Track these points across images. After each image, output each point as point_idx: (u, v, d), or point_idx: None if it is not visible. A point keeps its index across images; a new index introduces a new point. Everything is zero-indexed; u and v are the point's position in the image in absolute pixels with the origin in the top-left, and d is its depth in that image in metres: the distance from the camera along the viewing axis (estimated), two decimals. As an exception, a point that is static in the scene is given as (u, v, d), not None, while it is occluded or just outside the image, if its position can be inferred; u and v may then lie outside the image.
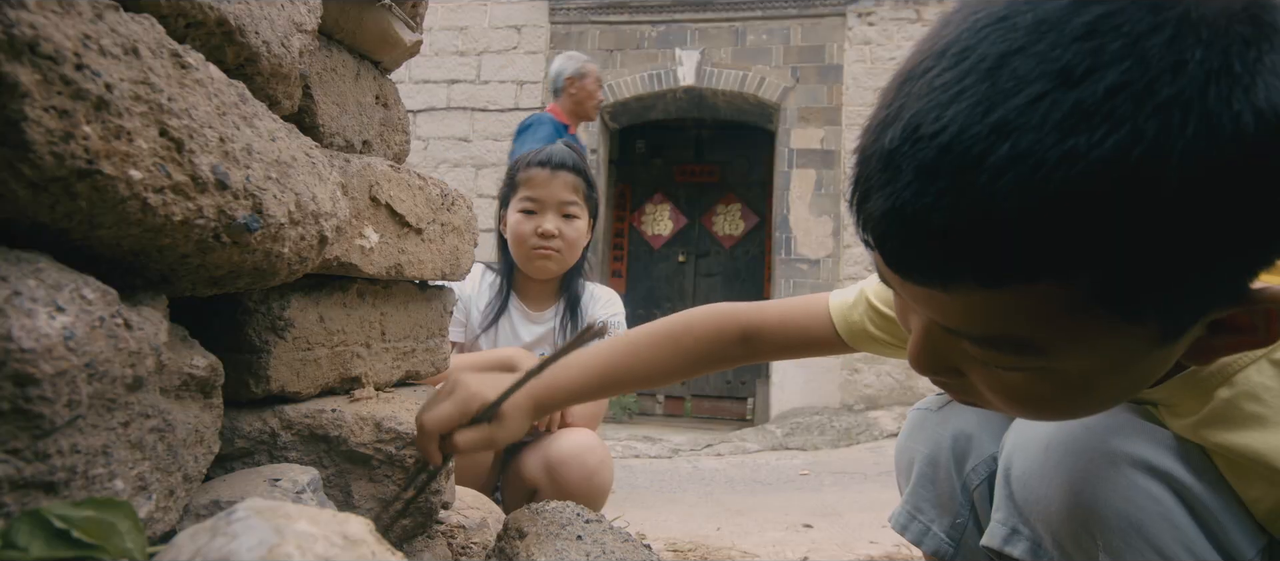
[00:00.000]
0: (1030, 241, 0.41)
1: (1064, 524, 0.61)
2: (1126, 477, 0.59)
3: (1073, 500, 0.61)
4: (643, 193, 7.13)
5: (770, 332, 0.91)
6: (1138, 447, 0.60)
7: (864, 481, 3.49)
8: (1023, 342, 0.47)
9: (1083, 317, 0.44)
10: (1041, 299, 0.44)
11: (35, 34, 0.38)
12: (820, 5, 5.86)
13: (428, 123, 6.17)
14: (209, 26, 0.56)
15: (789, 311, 0.92)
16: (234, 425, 0.76)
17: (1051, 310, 0.44)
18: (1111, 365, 0.49)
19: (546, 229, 1.57)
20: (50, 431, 0.41)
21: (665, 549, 1.89)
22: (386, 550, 0.36)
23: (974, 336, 0.49)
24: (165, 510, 0.53)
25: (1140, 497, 0.58)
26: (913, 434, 0.86)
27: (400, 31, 0.95)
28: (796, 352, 0.94)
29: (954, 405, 0.82)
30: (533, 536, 0.82)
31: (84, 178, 0.41)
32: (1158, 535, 0.58)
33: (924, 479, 0.83)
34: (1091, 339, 0.47)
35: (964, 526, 0.81)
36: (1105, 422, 0.62)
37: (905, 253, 0.46)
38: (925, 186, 0.42)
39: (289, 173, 0.59)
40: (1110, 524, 0.59)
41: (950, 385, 0.57)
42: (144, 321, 0.48)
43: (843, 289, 0.91)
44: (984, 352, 0.49)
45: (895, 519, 0.86)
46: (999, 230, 0.41)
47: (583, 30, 6.13)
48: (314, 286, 0.82)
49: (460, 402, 0.82)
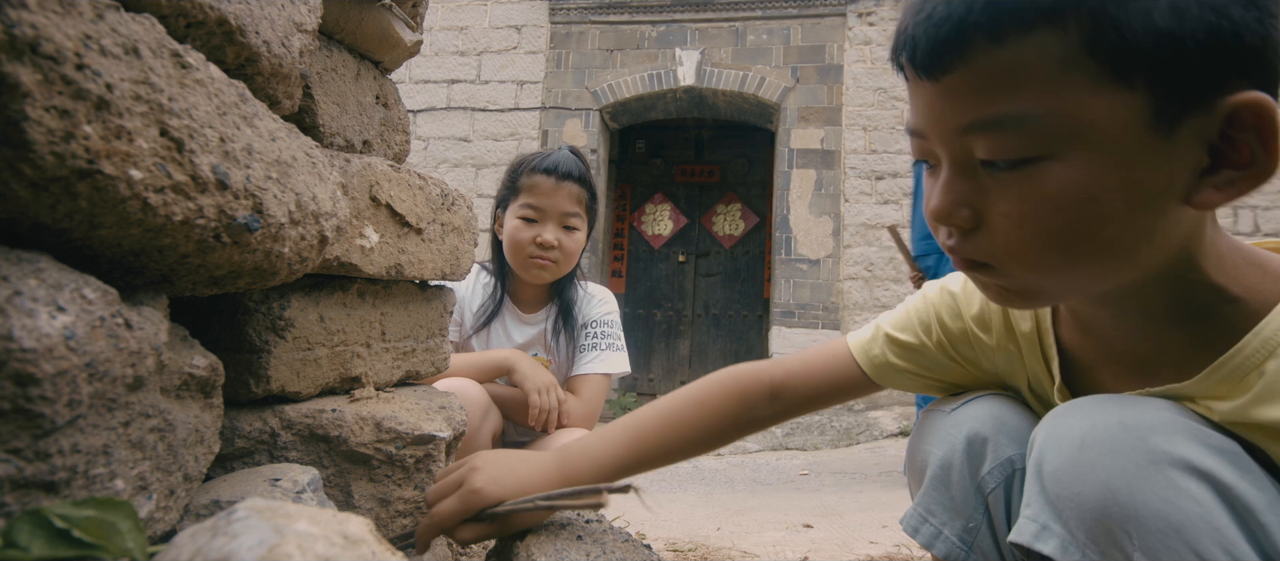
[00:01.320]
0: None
1: (1098, 522, 0.60)
2: (1166, 477, 0.57)
3: (1109, 498, 0.59)
4: (643, 193, 7.13)
5: (797, 383, 0.91)
6: (1178, 446, 0.58)
7: (864, 481, 3.49)
8: (1028, 118, 0.53)
9: (1076, 75, 0.51)
10: (1039, 53, 0.51)
11: (36, 34, 0.38)
12: (820, 5, 5.86)
13: (428, 123, 6.17)
14: (209, 26, 0.56)
15: (810, 360, 0.93)
16: (234, 425, 0.76)
17: (1048, 67, 0.51)
18: (1113, 161, 0.53)
19: (546, 240, 1.57)
20: (51, 431, 0.41)
21: (665, 548, 1.89)
22: (386, 550, 0.36)
23: (985, 122, 0.55)
24: (165, 510, 0.53)
25: (1180, 498, 0.57)
26: (925, 435, 0.85)
27: (400, 31, 0.95)
28: (825, 400, 0.92)
29: (967, 406, 0.81)
30: (532, 537, 0.82)
31: (85, 177, 0.41)
32: (1197, 537, 0.56)
33: (937, 481, 0.82)
34: (1087, 111, 0.52)
35: (977, 530, 0.80)
36: (1145, 420, 0.60)
37: (935, 37, 0.54)
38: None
39: (289, 172, 0.59)
40: (1148, 524, 0.57)
41: (962, 239, 0.62)
42: (144, 321, 0.48)
43: (858, 329, 0.92)
44: (995, 142, 0.55)
45: (906, 522, 0.85)
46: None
47: (583, 30, 6.13)
48: (314, 286, 0.82)
49: (464, 502, 0.82)
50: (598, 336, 1.67)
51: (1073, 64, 0.51)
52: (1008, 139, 0.55)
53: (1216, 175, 0.54)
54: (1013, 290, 0.63)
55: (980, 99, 0.55)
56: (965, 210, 0.60)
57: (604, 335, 1.67)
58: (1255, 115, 0.51)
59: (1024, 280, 0.62)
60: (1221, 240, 0.62)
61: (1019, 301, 0.66)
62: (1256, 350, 0.59)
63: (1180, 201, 0.55)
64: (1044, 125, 0.53)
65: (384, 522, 0.82)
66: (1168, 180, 0.54)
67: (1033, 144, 0.54)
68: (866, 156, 5.67)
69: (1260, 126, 0.51)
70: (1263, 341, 0.59)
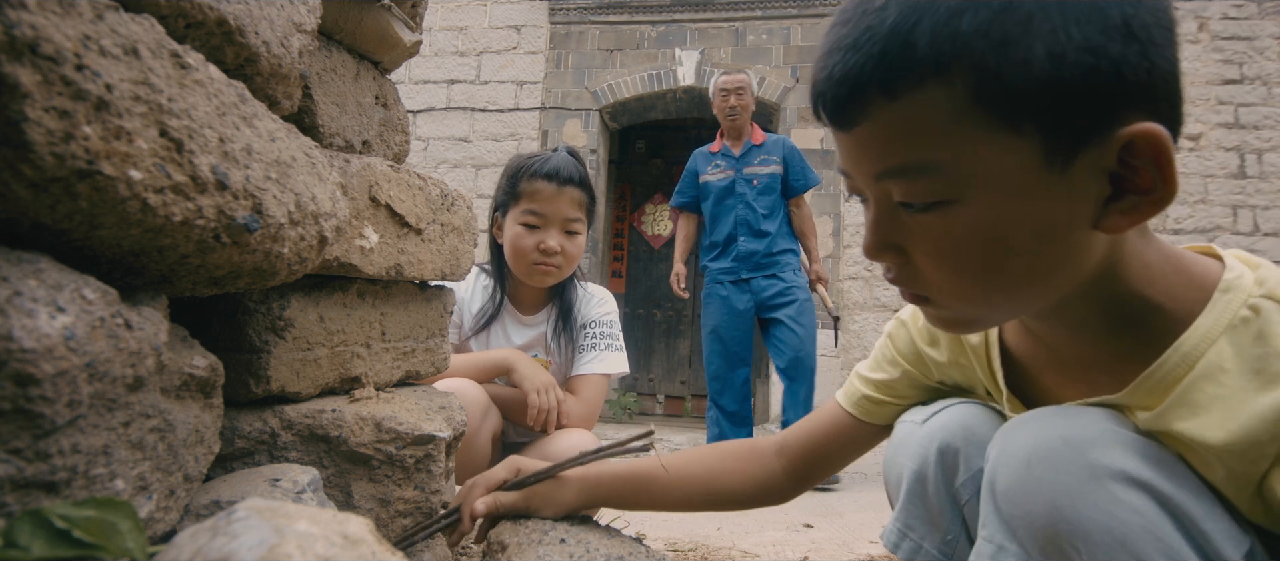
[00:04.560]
0: (909, 47, 0.53)
1: (1049, 539, 0.61)
2: (1107, 490, 0.59)
3: (1056, 515, 0.60)
4: (643, 193, 7.13)
5: (797, 437, 0.96)
6: (1117, 458, 0.60)
7: (864, 481, 3.49)
8: (931, 166, 0.56)
9: (968, 124, 0.54)
10: (931, 106, 0.54)
11: (36, 35, 0.38)
12: (820, 5, 5.86)
13: (428, 123, 6.17)
14: (209, 27, 0.56)
15: (806, 419, 0.98)
16: (234, 425, 0.76)
17: (941, 118, 0.54)
18: (1012, 200, 0.56)
19: (550, 246, 1.57)
20: (51, 431, 0.41)
21: (665, 548, 1.89)
22: (386, 550, 0.36)
23: (893, 170, 0.58)
24: (166, 510, 0.53)
25: (1122, 511, 0.58)
26: (899, 448, 0.86)
27: (400, 31, 0.95)
28: (827, 448, 0.95)
29: (937, 417, 0.82)
30: (514, 546, 0.82)
31: (84, 178, 0.41)
32: (1141, 547, 0.57)
33: (913, 495, 0.83)
34: (983, 157, 0.54)
35: (955, 542, 0.81)
36: (1084, 434, 0.62)
37: (837, 95, 0.58)
38: (843, 44, 0.57)
39: (289, 173, 0.59)
40: (1094, 538, 0.59)
41: (899, 273, 0.65)
42: (144, 321, 0.48)
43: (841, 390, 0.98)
44: (905, 187, 0.58)
45: (887, 537, 0.86)
46: (886, 42, 0.54)
47: (583, 30, 6.13)
48: (314, 286, 0.82)
49: (509, 466, 0.96)
50: (597, 337, 1.67)
51: (963, 114, 0.53)
52: (916, 184, 0.58)
53: (1121, 201, 0.55)
54: (951, 319, 0.66)
55: (886, 149, 0.58)
56: (890, 248, 0.63)
57: (603, 335, 1.68)
58: (1149, 145, 0.53)
59: (956, 309, 0.64)
60: (1149, 249, 0.63)
61: (959, 328, 0.69)
62: (1177, 364, 0.60)
63: (1089, 227, 0.57)
64: (945, 171, 0.56)
65: (384, 522, 0.82)
66: (1070, 212, 0.56)
67: (939, 188, 0.57)
68: (866, 156, 5.68)
69: (1155, 155, 0.53)
70: (1183, 356, 0.60)
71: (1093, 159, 0.54)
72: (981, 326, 0.70)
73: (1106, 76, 0.51)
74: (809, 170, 3.50)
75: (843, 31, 0.58)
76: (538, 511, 0.92)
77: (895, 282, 0.66)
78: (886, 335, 0.91)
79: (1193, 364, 0.60)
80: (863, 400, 0.92)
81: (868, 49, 0.55)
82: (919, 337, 0.87)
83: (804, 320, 3.39)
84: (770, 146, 3.50)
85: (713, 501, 0.95)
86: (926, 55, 0.53)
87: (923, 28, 0.53)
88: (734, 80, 3.51)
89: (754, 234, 3.44)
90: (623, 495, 0.95)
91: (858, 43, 0.56)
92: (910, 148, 0.56)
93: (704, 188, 3.56)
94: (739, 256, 3.45)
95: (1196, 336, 0.60)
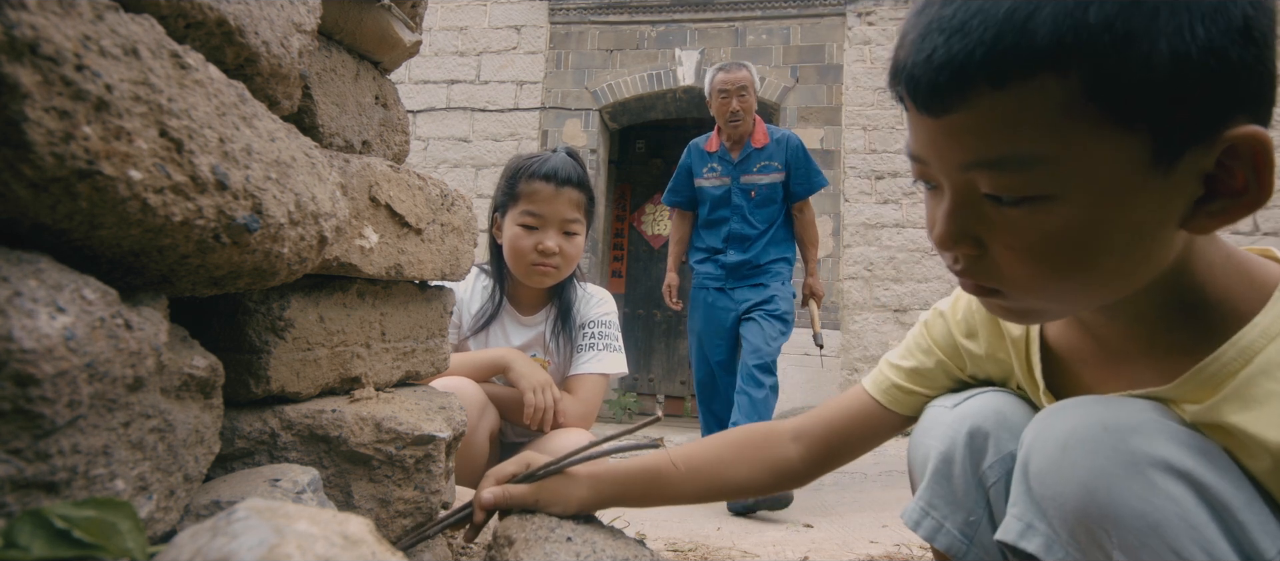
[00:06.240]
0: (1027, 35, 0.50)
1: (1079, 521, 0.61)
2: (1145, 477, 0.59)
3: (1088, 498, 0.60)
4: (643, 193, 7.12)
5: (815, 423, 0.94)
6: (1159, 447, 0.60)
7: (864, 481, 3.49)
8: (1030, 158, 0.53)
9: (1079, 119, 0.51)
10: (1042, 98, 0.51)
11: (36, 35, 0.38)
12: (820, 5, 5.86)
13: (428, 123, 6.17)
14: (209, 27, 0.56)
15: (827, 403, 0.96)
16: (234, 425, 0.76)
17: (1051, 112, 0.51)
18: (1114, 199, 0.54)
19: (548, 247, 1.57)
20: (51, 431, 0.41)
21: (665, 548, 1.89)
22: (386, 550, 0.36)
23: (988, 161, 0.55)
24: (166, 510, 0.53)
25: (1158, 498, 0.58)
26: (927, 431, 0.86)
27: (399, 32, 0.95)
28: (847, 436, 0.94)
29: (970, 402, 0.83)
30: (521, 542, 0.82)
31: (84, 178, 0.41)
32: (1175, 536, 0.57)
33: (939, 475, 0.83)
34: (1091, 154, 0.52)
35: (978, 523, 0.81)
36: (1126, 422, 0.62)
37: (936, 80, 0.54)
38: (946, 26, 0.53)
39: (289, 173, 0.59)
40: (1126, 523, 0.59)
41: (970, 265, 0.62)
42: (144, 321, 0.48)
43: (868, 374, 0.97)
44: (998, 180, 0.56)
45: (908, 515, 0.86)
46: (1000, 28, 0.51)
47: (583, 30, 6.13)
48: (314, 286, 0.82)
49: (520, 460, 0.96)
50: (595, 337, 1.67)
51: (1075, 109, 0.51)
52: (1011, 178, 0.55)
53: (1211, 203, 0.55)
54: (1019, 310, 0.65)
55: (983, 139, 0.55)
56: (968, 240, 0.61)
57: (602, 335, 1.68)
58: (1251, 148, 0.52)
59: (1029, 302, 0.63)
60: (1213, 249, 0.64)
61: (1025, 319, 0.69)
62: (1234, 358, 0.61)
63: (1177, 227, 0.57)
64: (1047, 167, 0.54)
65: (384, 522, 0.82)
66: (1164, 212, 0.56)
67: (1037, 183, 0.55)
68: (866, 156, 5.67)
69: (1255, 158, 0.53)
70: (1240, 350, 0.60)
71: (1196, 159, 0.53)
72: (1047, 318, 0.69)
73: (1225, 80, 0.50)
74: (815, 173, 3.13)
75: (944, 11, 0.54)
76: (547, 507, 0.91)
77: (962, 274, 0.64)
78: (922, 324, 0.91)
79: (1250, 358, 0.60)
80: (892, 388, 0.91)
81: (979, 34, 0.52)
82: (957, 329, 0.87)
83: (768, 327, 3.02)
84: (773, 150, 3.11)
85: (726, 491, 0.95)
86: (1046, 45, 0.50)
87: (1043, 15, 0.50)
88: (734, 78, 3.04)
89: (744, 248, 3.14)
90: (633, 492, 0.93)
91: (966, 26, 0.52)
92: (1012, 140, 0.54)
93: (699, 190, 3.24)
94: (726, 267, 3.16)
95: (1255, 332, 0.60)
